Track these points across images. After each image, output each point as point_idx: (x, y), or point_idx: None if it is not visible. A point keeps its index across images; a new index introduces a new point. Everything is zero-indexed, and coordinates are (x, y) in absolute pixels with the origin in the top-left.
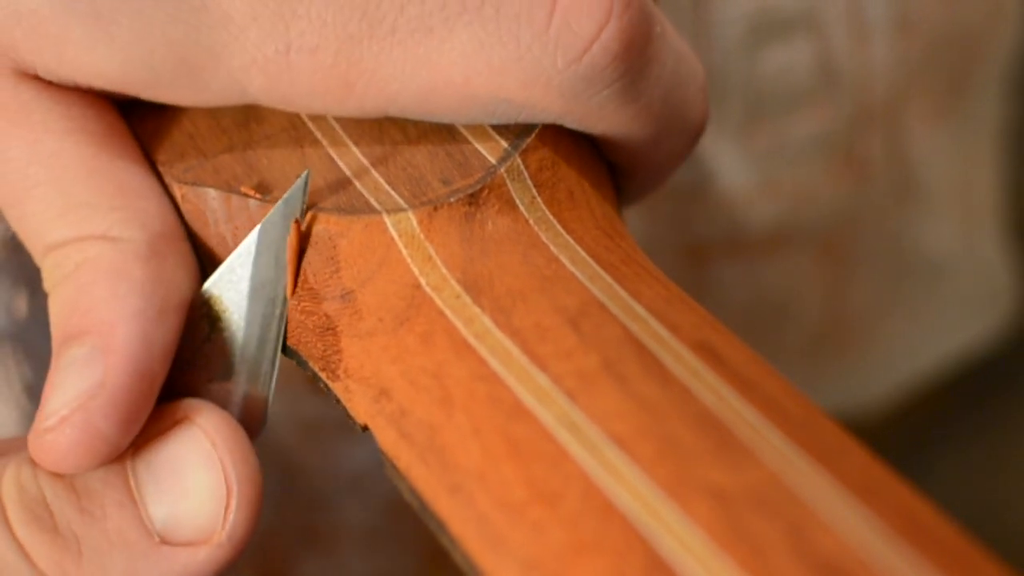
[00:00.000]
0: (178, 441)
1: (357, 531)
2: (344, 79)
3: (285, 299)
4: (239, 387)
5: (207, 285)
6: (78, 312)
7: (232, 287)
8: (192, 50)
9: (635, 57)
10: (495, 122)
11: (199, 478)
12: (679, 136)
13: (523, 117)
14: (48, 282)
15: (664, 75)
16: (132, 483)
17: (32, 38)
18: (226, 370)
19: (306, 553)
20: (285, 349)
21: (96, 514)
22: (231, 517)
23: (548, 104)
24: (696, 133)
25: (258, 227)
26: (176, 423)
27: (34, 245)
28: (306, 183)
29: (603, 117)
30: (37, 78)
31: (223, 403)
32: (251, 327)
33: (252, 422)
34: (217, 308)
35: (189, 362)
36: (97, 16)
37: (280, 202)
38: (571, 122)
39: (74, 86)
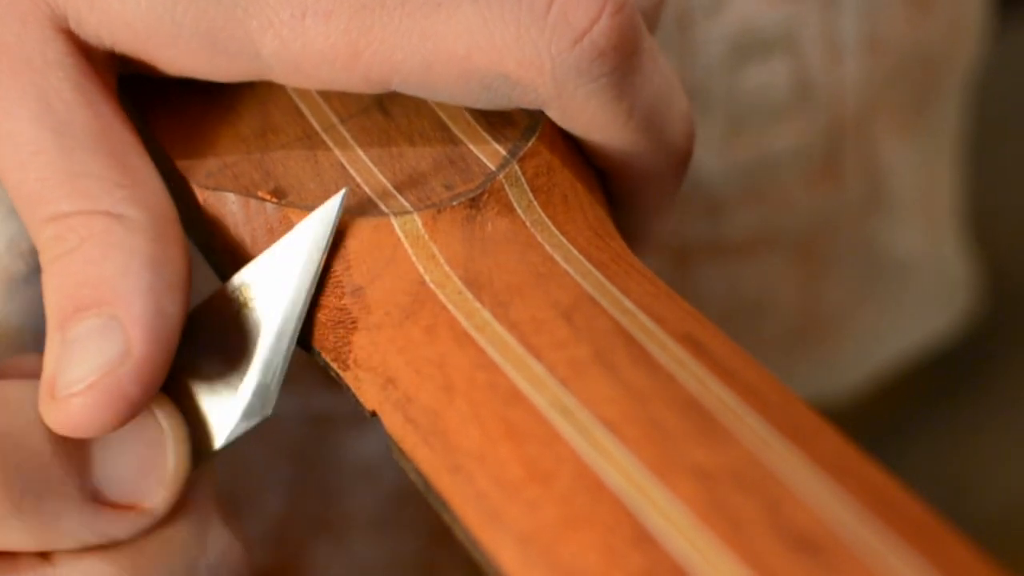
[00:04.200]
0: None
1: (365, 518)
2: (354, 46)
3: (307, 300)
4: (254, 373)
5: (239, 275)
6: (88, 285)
7: (263, 280)
8: (213, 7)
9: (621, 58)
10: (489, 101)
11: (142, 451)
12: (663, 155)
13: (516, 96)
14: (47, 252)
15: (648, 88)
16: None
17: None
18: (242, 354)
19: (317, 539)
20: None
21: (42, 460)
22: (161, 492)
23: (539, 86)
24: (681, 157)
25: (293, 230)
26: None
27: (32, 213)
28: (342, 201)
29: (586, 111)
30: (69, 35)
31: (234, 385)
32: (274, 320)
33: (258, 407)
34: (246, 296)
35: (208, 342)
36: None
37: (320, 210)
38: (557, 110)
39: (99, 45)
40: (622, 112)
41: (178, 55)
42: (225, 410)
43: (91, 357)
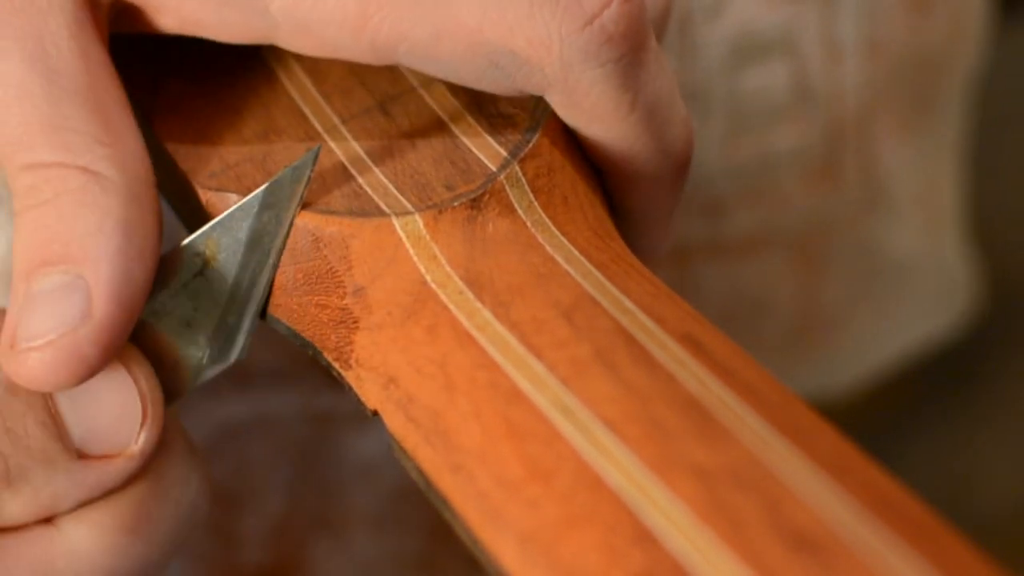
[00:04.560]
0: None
1: (366, 515)
2: (364, 9)
3: (280, 252)
4: (223, 320)
5: (205, 229)
6: (58, 241)
7: (230, 234)
8: None
9: (629, 47)
10: (492, 81)
11: (115, 400)
12: (662, 157)
13: (521, 75)
14: (21, 201)
15: (651, 86)
16: (51, 404)
17: None
18: (213, 303)
19: (318, 536)
20: (301, 340)
21: (19, 433)
22: (143, 435)
23: (546, 66)
24: (680, 161)
25: (265, 185)
26: None
27: (10, 156)
28: (316, 156)
29: (590, 96)
30: None
31: (203, 331)
32: (243, 270)
33: (228, 352)
34: (212, 249)
35: (177, 291)
36: None
37: (290, 167)
38: (561, 94)
39: None
40: (625, 103)
41: (184, 6)
42: (193, 353)
43: (53, 314)
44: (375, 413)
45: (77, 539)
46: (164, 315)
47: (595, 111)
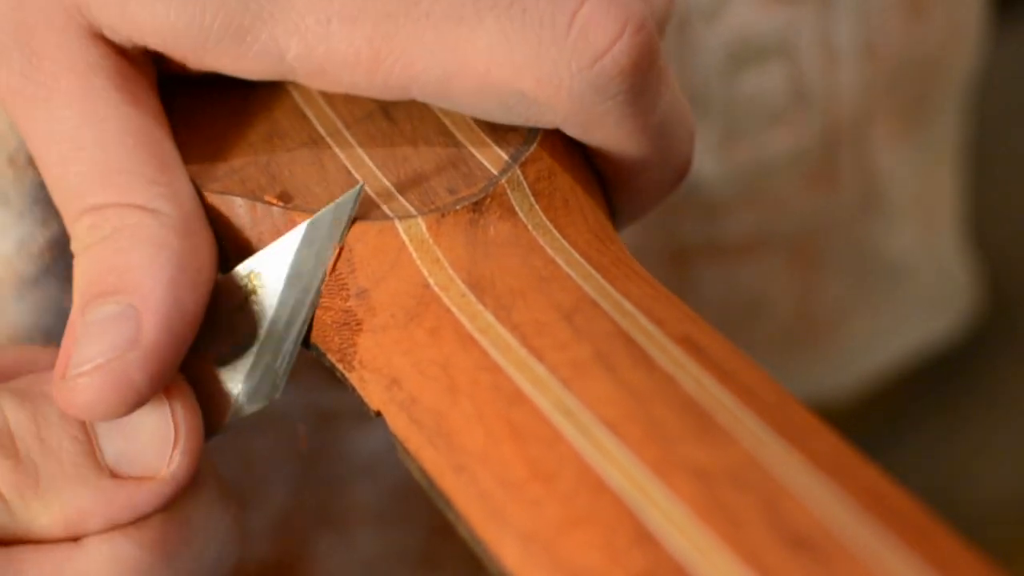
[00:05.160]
0: None
1: (368, 511)
2: (376, 53)
3: (319, 291)
4: (261, 356)
5: (248, 263)
6: (114, 273)
7: (272, 270)
8: (241, 13)
9: (639, 77)
10: (505, 116)
11: (149, 423)
12: (667, 168)
13: (532, 114)
14: (80, 242)
15: (661, 105)
16: (88, 423)
17: None
18: (250, 339)
19: (321, 532)
20: (307, 342)
21: (53, 446)
22: (176, 458)
23: (557, 103)
24: (682, 170)
25: (307, 222)
26: None
27: (70, 205)
28: (357, 196)
29: (602, 126)
30: (104, 40)
31: (242, 367)
32: (283, 307)
33: (266, 389)
34: (254, 283)
35: (217, 325)
36: None
37: (332, 205)
38: (573, 126)
39: (133, 48)
40: (637, 128)
41: (205, 57)
42: (230, 389)
43: (102, 340)
44: (378, 414)
45: (99, 561)
46: (205, 349)
47: (607, 138)
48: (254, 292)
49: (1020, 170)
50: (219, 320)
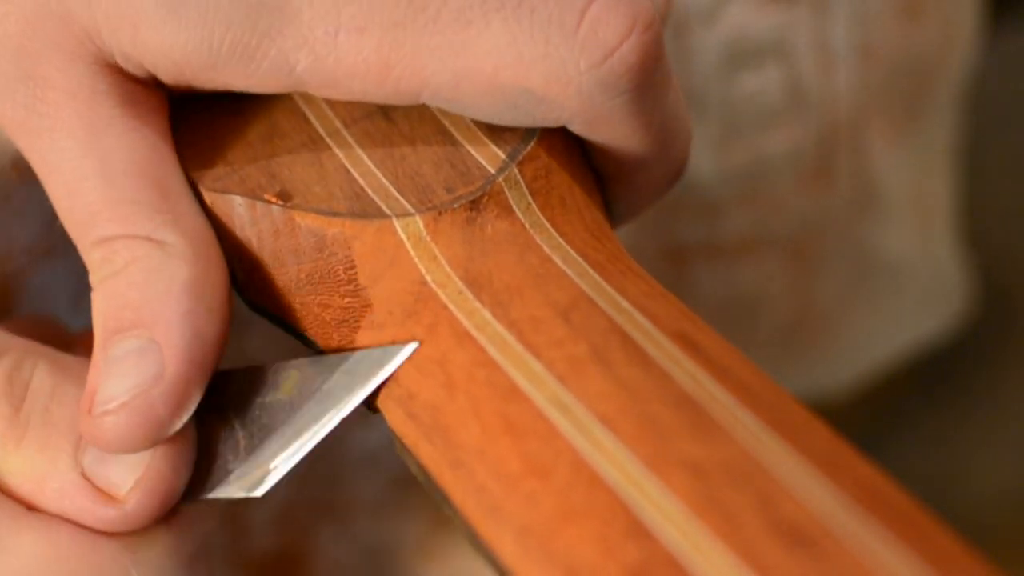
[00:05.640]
0: None
1: (368, 504)
2: (385, 61)
3: (338, 421)
4: (263, 452)
5: (293, 362)
6: (130, 307)
7: (307, 378)
8: (249, 32)
9: (647, 75)
10: (514, 117)
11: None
12: (665, 166)
13: (540, 112)
14: (96, 276)
15: (665, 104)
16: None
17: (112, 19)
18: (262, 435)
19: (322, 523)
20: (304, 339)
21: (54, 420)
22: (135, 492)
23: (565, 101)
24: (679, 169)
25: (358, 352)
26: None
27: (82, 237)
28: (410, 354)
29: (609, 124)
30: (115, 67)
31: (242, 455)
32: (302, 418)
33: (256, 484)
34: (288, 387)
35: (235, 405)
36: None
37: (383, 348)
38: (580, 124)
39: (144, 74)
40: (641, 126)
41: (216, 77)
42: (221, 468)
43: (127, 377)
44: (376, 410)
45: (31, 542)
46: (215, 420)
47: (613, 136)
48: (285, 394)
49: (1014, 169)
50: (240, 402)
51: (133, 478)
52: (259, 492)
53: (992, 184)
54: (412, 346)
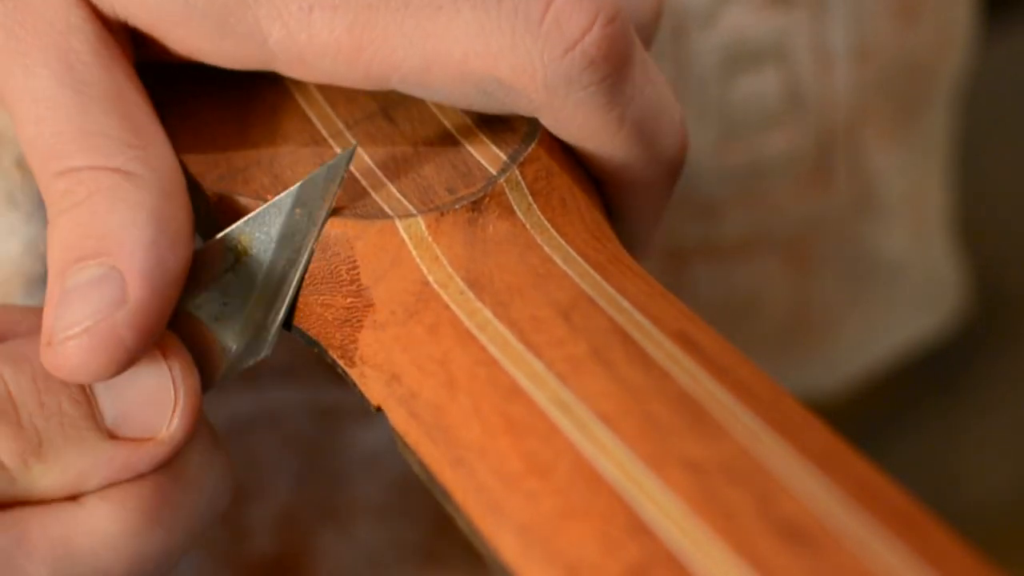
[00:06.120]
0: None
1: (370, 505)
2: (356, 42)
3: (312, 250)
4: (252, 315)
5: (239, 224)
6: (93, 236)
7: (263, 230)
8: None
9: (612, 68)
10: (484, 104)
11: (148, 385)
12: (655, 165)
13: (510, 101)
14: (56, 207)
15: (639, 98)
16: (87, 384)
17: None
18: (242, 297)
19: (323, 525)
20: (306, 338)
21: (54, 410)
22: (175, 420)
23: (532, 92)
24: (672, 167)
25: (299, 183)
26: None
27: (45, 167)
28: (350, 156)
29: (575, 118)
30: (89, 4)
31: (233, 325)
32: (274, 266)
33: (256, 346)
34: (245, 244)
35: (208, 286)
36: None
37: (325, 166)
38: (549, 116)
39: (115, 20)
40: (612, 121)
41: (188, 35)
42: (222, 346)
43: (88, 303)
44: (379, 409)
45: (100, 519)
46: (195, 308)
47: (583, 130)
48: (246, 252)
49: (1009, 170)
50: (211, 280)
51: (165, 413)
52: (266, 353)
53: (989, 185)
54: (351, 148)
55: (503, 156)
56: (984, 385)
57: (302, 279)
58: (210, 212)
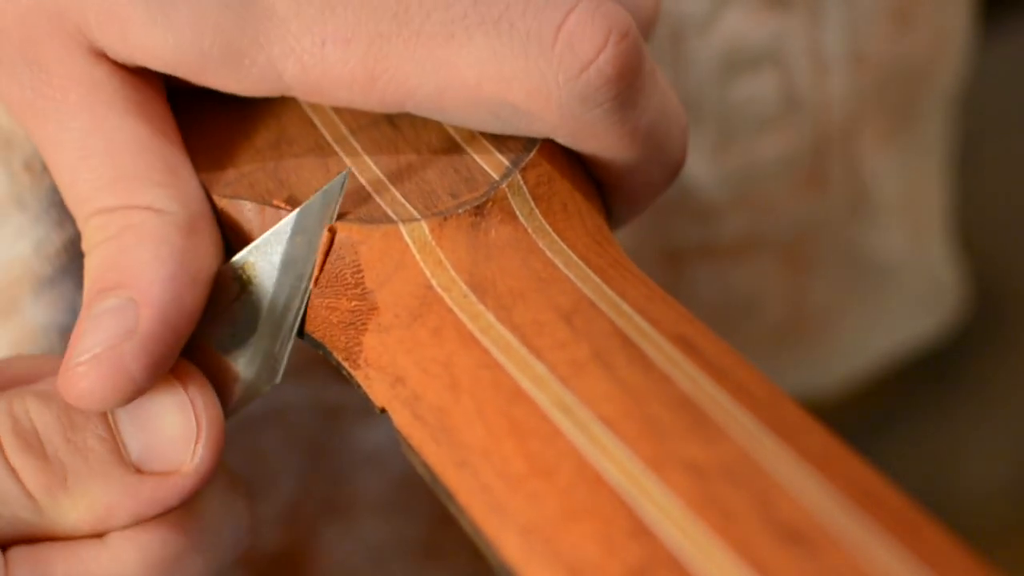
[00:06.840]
0: (155, 387)
1: (373, 502)
2: (370, 72)
3: (311, 276)
4: (260, 342)
5: (243, 254)
6: (117, 269)
7: (266, 258)
8: (238, 37)
9: (626, 84)
10: (498, 127)
11: (171, 418)
12: (660, 168)
13: (523, 124)
14: (89, 242)
15: (650, 108)
16: (111, 420)
17: (102, 19)
18: (249, 327)
19: (328, 522)
20: (312, 341)
21: (79, 445)
22: (199, 452)
23: (546, 115)
24: (675, 168)
25: (297, 210)
26: None
27: (80, 208)
28: (344, 182)
29: (593, 135)
30: (107, 58)
31: (243, 354)
32: (278, 294)
33: (267, 375)
34: (249, 273)
35: (216, 316)
36: (159, 1)
37: (321, 192)
38: (564, 135)
39: (135, 67)
40: (626, 134)
41: (205, 79)
42: (235, 377)
43: (100, 331)
44: (383, 411)
45: (123, 560)
46: (206, 338)
47: (599, 145)
48: (250, 282)
49: (1005, 172)
50: (219, 310)
51: (188, 446)
52: (278, 379)
53: (985, 187)
54: (344, 173)
55: (505, 162)
56: (981, 386)
57: (305, 305)
58: (217, 217)
